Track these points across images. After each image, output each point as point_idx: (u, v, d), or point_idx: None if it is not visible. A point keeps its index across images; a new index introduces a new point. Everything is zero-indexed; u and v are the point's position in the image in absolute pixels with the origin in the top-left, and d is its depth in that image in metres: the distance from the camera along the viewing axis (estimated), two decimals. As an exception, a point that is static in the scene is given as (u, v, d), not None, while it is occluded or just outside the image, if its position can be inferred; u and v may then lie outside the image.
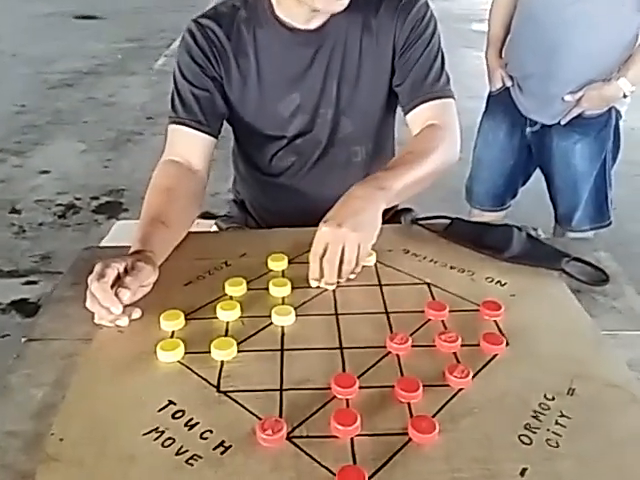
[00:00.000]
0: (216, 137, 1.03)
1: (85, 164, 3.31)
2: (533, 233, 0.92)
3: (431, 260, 0.91)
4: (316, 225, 0.84)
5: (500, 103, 1.68)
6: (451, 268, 0.89)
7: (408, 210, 1.20)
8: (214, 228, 1.28)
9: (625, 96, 1.54)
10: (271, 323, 0.78)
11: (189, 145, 1.01)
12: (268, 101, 1.04)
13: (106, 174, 3.19)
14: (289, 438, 0.61)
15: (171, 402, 0.65)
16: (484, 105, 1.76)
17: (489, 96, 1.73)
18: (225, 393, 0.67)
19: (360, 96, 1.05)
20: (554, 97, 1.56)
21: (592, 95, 1.52)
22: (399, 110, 1.10)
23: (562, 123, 1.59)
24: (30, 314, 2.03)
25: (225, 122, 1.08)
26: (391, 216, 1.18)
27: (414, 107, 1.02)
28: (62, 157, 3.42)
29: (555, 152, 1.64)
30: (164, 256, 0.88)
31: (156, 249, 0.84)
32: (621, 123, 1.63)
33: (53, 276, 2.22)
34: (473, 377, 0.68)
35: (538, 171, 1.77)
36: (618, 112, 1.61)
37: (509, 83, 1.65)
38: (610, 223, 1.70)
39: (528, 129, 1.65)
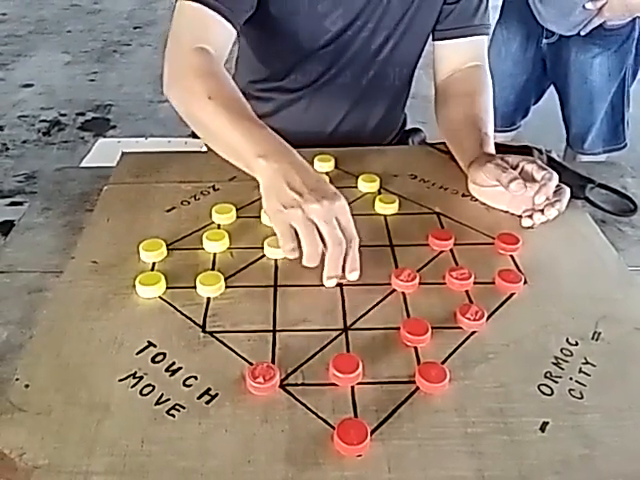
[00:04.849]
0: (238, 30, 0.84)
1: (70, 77, 3.16)
2: (554, 156, 0.83)
3: (441, 187, 0.83)
4: (319, 146, 0.74)
5: (515, 11, 1.55)
6: (463, 196, 0.81)
7: (417, 130, 1.10)
8: (204, 148, 1.18)
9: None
10: (263, 256, 0.70)
11: (219, 36, 0.82)
12: None
13: (92, 88, 3.05)
14: (282, 386, 0.54)
15: (151, 344, 0.59)
16: (497, 15, 1.62)
17: (503, 3, 1.60)
18: (211, 334, 0.60)
19: (411, 12, 0.92)
20: (574, 4, 1.42)
21: (615, 3, 1.39)
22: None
23: (582, 34, 1.46)
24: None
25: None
26: (399, 139, 1.09)
27: (457, 37, 0.94)
28: (46, 69, 3.26)
29: (571, 66, 1.53)
30: None
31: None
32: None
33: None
34: (487, 319, 0.61)
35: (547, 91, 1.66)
36: (643, 23, 1.48)
37: (526, -13, 1.51)
38: (625, 145, 1.61)
39: (544, 40, 1.53)
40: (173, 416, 0.52)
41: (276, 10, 0.88)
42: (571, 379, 0.55)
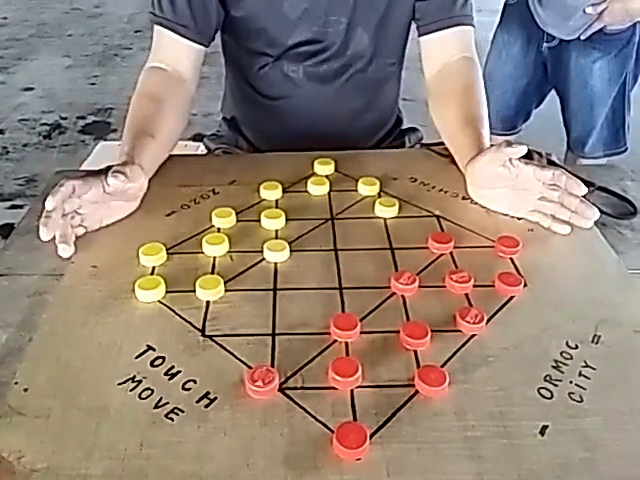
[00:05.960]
0: (207, 45, 0.92)
1: (71, 81, 3.17)
2: (555, 159, 0.83)
3: (441, 190, 0.83)
4: (315, 149, 0.74)
5: (516, 14, 1.56)
6: (463, 199, 0.81)
7: (413, 130, 1.09)
8: (202, 147, 1.19)
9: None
10: (263, 259, 0.70)
11: (176, 53, 0.90)
12: None
13: (93, 92, 3.05)
14: (282, 389, 0.54)
15: (150, 348, 0.59)
16: (498, 19, 1.63)
17: (505, 6, 1.60)
18: (211, 338, 0.60)
19: (384, 4, 0.92)
20: (575, 9, 1.43)
21: (616, 8, 1.40)
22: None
23: (582, 38, 1.47)
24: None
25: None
26: (394, 137, 1.08)
27: (440, 29, 0.93)
28: (47, 73, 3.27)
29: (572, 70, 1.54)
30: (152, 172, 0.81)
31: (145, 162, 0.76)
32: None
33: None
34: (487, 322, 0.61)
35: (549, 95, 1.66)
36: (643, 28, 1.49)
37: (527, -10, 1.51)
38: (626, 149, 1.61)
39: (545, 44, 1.54)
40: (172, 420, 0.52)
41: (238, 12, 0.91)
42: (571, 382, 0.55)
